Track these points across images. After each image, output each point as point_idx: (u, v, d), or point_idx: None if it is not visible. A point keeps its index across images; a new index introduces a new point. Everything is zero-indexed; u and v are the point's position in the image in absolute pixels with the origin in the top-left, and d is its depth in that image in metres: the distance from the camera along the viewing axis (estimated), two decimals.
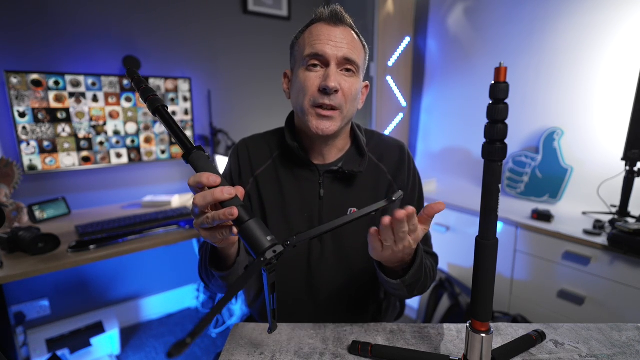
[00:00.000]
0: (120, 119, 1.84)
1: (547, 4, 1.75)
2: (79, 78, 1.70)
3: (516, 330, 0.69)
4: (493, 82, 0.44)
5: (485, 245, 0.49)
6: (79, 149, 1.76)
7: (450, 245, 1.88)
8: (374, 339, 0.67)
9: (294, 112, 0.82)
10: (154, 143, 1.96)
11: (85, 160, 1.78)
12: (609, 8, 1.56)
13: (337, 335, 0.68)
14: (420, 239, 0.58)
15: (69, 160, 1.74)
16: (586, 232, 1.39)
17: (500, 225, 1.63)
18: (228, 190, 0.49)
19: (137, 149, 1.92)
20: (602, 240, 1.33)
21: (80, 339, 1.76)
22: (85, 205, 1.86)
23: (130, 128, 1.88)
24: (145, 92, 0.56)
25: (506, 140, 0.46)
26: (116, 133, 1.84)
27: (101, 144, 1.81)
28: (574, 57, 1.69)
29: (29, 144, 1.63)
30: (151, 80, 1.88)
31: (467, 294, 1.71)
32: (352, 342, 0.64)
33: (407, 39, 2.30)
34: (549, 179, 1.76)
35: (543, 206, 1.70)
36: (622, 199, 1.42)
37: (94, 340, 1.76)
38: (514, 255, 1.60)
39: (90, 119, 1.76)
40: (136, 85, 0.58)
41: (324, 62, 0.72)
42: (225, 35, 2.15)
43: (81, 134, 1.75)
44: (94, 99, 1.75)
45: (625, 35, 1.53)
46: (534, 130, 1.85)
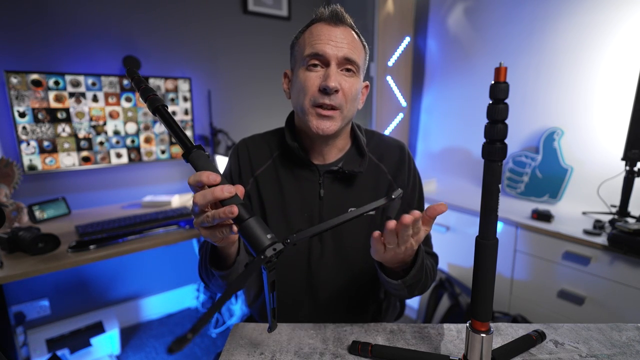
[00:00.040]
0: (120, 119, 1.84)
1: (547, 4, 1.75)
2: (79, 78, 1.70)
3: (516, 330, 0.69)
4: (493, 82, 0.44)
5: (485, 245, 0.49)
6: (79, 149, 1.76)
7: (450, 245, 1.88)
8: (374, 339, 0.67)
9: (294, 112, 0.82)
10: (154, 143, 1.96)
11: (85, 160, 1.78)
12: (609, 8, 1.56)
13: (337, 335, 0.68)
14: (422, 240, 0.59)
15: (69, 160, 1.74)
16: (586, 232, 1.39)
17: (500, 225, 1.63)
18: (228, 188, 0.49)
19: (137, 149, 1.92)
20: (602, 240, 1.33)
21: (80, 339, 1.76)
22: (85, 205, 1.86)
23: (130, 128, 1.88)
24: (145, 92, 0.56)
25: (506, 140, 0.46)
26: (116, 133, 1.84)
27: (101, 144, 1.81)
28: (574, 57, 1.69)
29: (29, 144, 1.63)
30: (151, 80, 1.88)
31: (467, 294, 1.71)
32: (352, 342, 0.64)
33: (407, 39, 2.30)
34: (549, 179, 1.76)
35: (543, 206, 1.70)
36: (622, 199, 1.42)
37: (94, 340, 1.76)
38: (514, 255, 1.60)
39: (90, 119, 1.76)
40: (136, 85, 0.58)
41: (324, 62, 0.72)
42: (225, 35, 2.15)
43: (81, 134, 1.75)
44: (94, 99, 1.75)
45: (625, 35, 1.53)
46: (534, 130, 1.85)
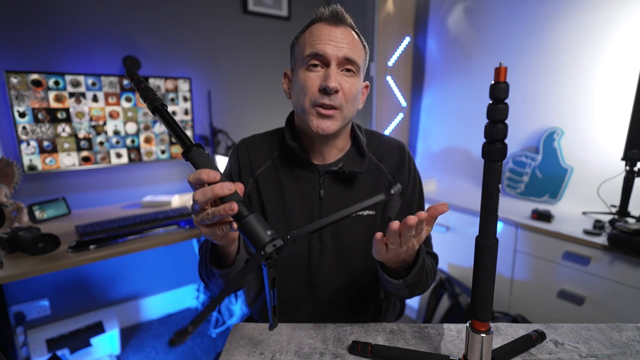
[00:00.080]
0: (120, 119, 1.84)
1: (547, 4, 1.75)
2: (79, 78, 1.70)
3: (516, 330, 0.69)
4: (493, 82, 0.44)
5: (485, 245, 0.49)
6: (79, 149, 1.76)
7: (450, 245, 1.88)
8: (374, 339, 0.67)
9: (294, 112, 0.82)
10: (154, 143, 1.96)
11: (85, 160, 1.78)
12: (609, 8, 1.56)
13: (337, 335, 0.68)
14: (423, 239, 0.59)
15: (69, 160, 1.74)
16: (586, 232, 1.39)
17: (500, 225, 1.63)
18: (228, 185, 0.49)
19: (137, 149, 1.92)
20: (602, 240, 1.33)
21: (80, 339, 1.76)
22: (85, 205, 1.86)
23: (130, 128, 1.88)
24: (145, 92, 0.56)
25: (506, 140, 0.46)
26: (116, 133, 1.84)
27: (101, 144, 1.81)
28: (574, 57, 1.69)
29: (29, 144, 1.63)
30: (151, 80, 1.88)
31: (467, 294, 1.71)
32: (352, 342, 0.64)
33: (407, 39, 2.30)
34: (549, 179, 1.76)
35: (543, 206, 1.70)
36: (622, 199, 1.42)
37: (94, 340, 1.76)
38: (514, 255, 1.60)
39: (90, 119, 1.76)
40: (135, 85, 0.58)
41: (325, 62, 0.72)
42: (225, 35, 2.15)
43: (81, 134, 1.75)
44: (94, 99, 1.75)
45: (625, 35, 1.53)
46: (534, 130, 1.85)
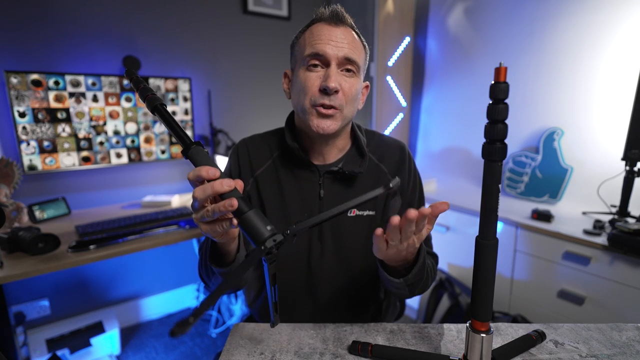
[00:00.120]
0: (120, 119, 1.84)
1: (547, 4, 1.75)
2: (79, 78, 1.70)
3: (516, 330, 0.69)
4: (493, 82, 0.44)
5: (485, 245, 0.49)
6: (79, 149, 1.76)
7: (450, 245, 1.88)
8: (374, 339, 0.67)
9: (294, 112, 0.82)
10: (154, 143, 1.96)
11: (85, 160, 1.78)
12: (609, 8, 1.56)
13: (337, 335, 0.68)
14: (424, 238, 0.59)
15: (69, 160, 1.74)
16: (586, 232, 1.39)
17: (500, 225, 1.63)
18: (227, 182, 0.49)
19: (137, 149, 1.92)
20: (602, 240, 1.33)
21: (80, 339, 1.76)
22: (85, 205, 1.86)
23: (130, 128, 1.88)
24: (144, 92, 0.56)
25: (506, 140, 0.46)
26: (116, 133, 1.84)
27: (101, 144, 1.81)
28: (574, 57, 1.69)
29: (29, 144, 1.63)
30: (151, 80, 1.88)
31: (467, 294, 1.71)
32: (352, 342, 0.64)
33: (407, 39, 2.30)
34: (549, 179, 1.76)
35: (543, 206, 1.70)
36: (622, 199, 1.42)
37: (94, 340, 1.76)
38: (514, 255, 1.60)
39: (90, 119, 1.76)
40: (135, 85, 0.58)
41: (325, 62, 0.72)
42: (225, 35, 2.15)
43: (81, 134, 1.75)
44: (94, 99, 1.75)
45: (625, 35, 1.53)
46: (534, 130, 1.85)
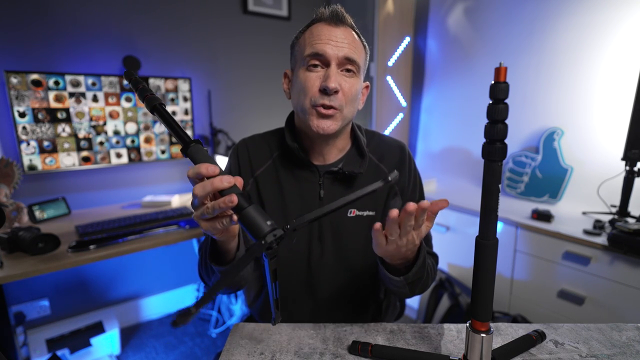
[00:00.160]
0: (120, 119, 1.84)
1: (547, 4, 1.75)
2: (79, 78, 1.70)
3: (516, 330, 0.69)
4: (493, 82, 0.44)
5: (485, 245, 0.49)
6: (79, 149, 1.76)
7: (450, 245, 1.88)
8: (374, 339, 0.67)
9: (294, 113, 0.82)
10: (154, 143, 1.96)
11: (85, 160, 1.78)
12: (609, 8, 1.56)
13: (337, 335, 0.68)
14: (424, 235, 0.59)
15: (69, 160, 1.74)
16: (586, 232, 1.39)
17: (500, 225, 1.63)
18: (227, 178, 0.49)
19: (137, 149, 1.92)
20: (602, 240, 1.33)
21: (80, 339, 1.76)
22: (85, 205, 1.86)
23: (130, 128, 1.88)
24: (143, 92, 0.56)
25: (506, 140, 0.46)
26: (116, 133, 1.84)
27: (101, 144, 1.81)
28: (574, 57, 1.69)
29: (29, 144, 1.63)
30: (151, 80, 1.88)
31: (467, 294, 1.71)
32: (352, 342, 0.64)
33: (407, 39, 2.30)
34: (549, 179, 1.76)
35: (543, 206, 1.70)
36: (622, 199, 1.42)
37: (94, 340, 1.76)
38: (514, 255, 1.60)
39: (90, 119, 1.76)
40: (134, 86, 0.58)
41: (325, 62, 0.72)
42: (225, 35, 2.15)
43: (81, 134, 1.75)
44: (94, 99, 1.75)
45: (625, 35, 1.53)
46: (534, 130, 1.85)
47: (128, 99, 1.84)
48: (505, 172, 1.92)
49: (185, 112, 2.02)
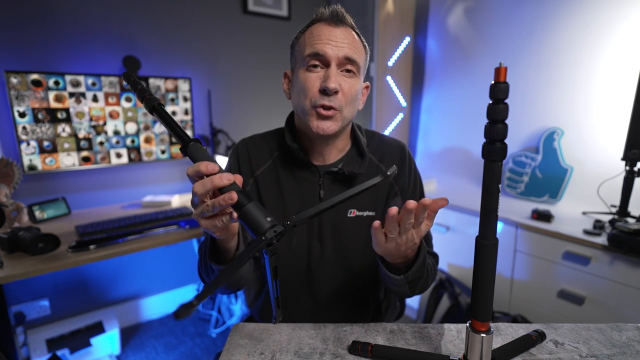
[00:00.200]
0: (120, 119, 1.84)
1: (547, 4, 1.75)
2: (79, 78, 1.70)
3: (516, 330, 0.69)
4: (493, 82, 0.44)
5: (485, 245, 0.49)
6: (79, 149, 1.76)
7: (450, 245, 1.88)
8: (374, 339, 0.67)
9: (294, 113, 0.82)
10: (154, 143, 1.96)
11: (85, 160, 1.78)
12: (609, 8, 1.56)
13: (337, 335, 0.68)
14: (424, 234, 0.59)
15: (69, 160, 1.74)
16: (586, 232, 1.39)
17: (500, 225, 1.63)
18: (227, 176, 0.49)
19: (137, 149, 1.92)
20: (602, 240, 1.33)
21: (80, 339, 1.76)
22: (85, 205, 1.86)
23: (130, 128, 1.88)
24: (142, 93, 0.57)
25: (506, 140, 0.46)
26: (116, 133, 1.84)
27: (101, 144, 1.81)
28: (574, 57, 1.69)
29: (29, 144, 1.63)
30: (151, 80, 1.88)
31: (467, 294, 1.71)
32: (352, 342, 0.64)
33: (407, 39, 2.30)
34: (549, 179, 1.76)
35: (543, 206, 1.70)
36: (622, 199, 1.42)
37: (94, 340, 1.76)
38: (514, 255, 1.60)
39: (90, 119, 1.76)
40: (132, 87, 0.58)
41: (325, 63, 0.71)
42: (225, 35, 2.15)
43: (81, 134, 1.75)
44: (94, 99, 1.75)
45: (625, 35, 1.53)
46: (534, 130, 1.85)
47: (128, 99, 1.84)
48: (505, 172, 1.92)
49: (185, 112, 2.02)
